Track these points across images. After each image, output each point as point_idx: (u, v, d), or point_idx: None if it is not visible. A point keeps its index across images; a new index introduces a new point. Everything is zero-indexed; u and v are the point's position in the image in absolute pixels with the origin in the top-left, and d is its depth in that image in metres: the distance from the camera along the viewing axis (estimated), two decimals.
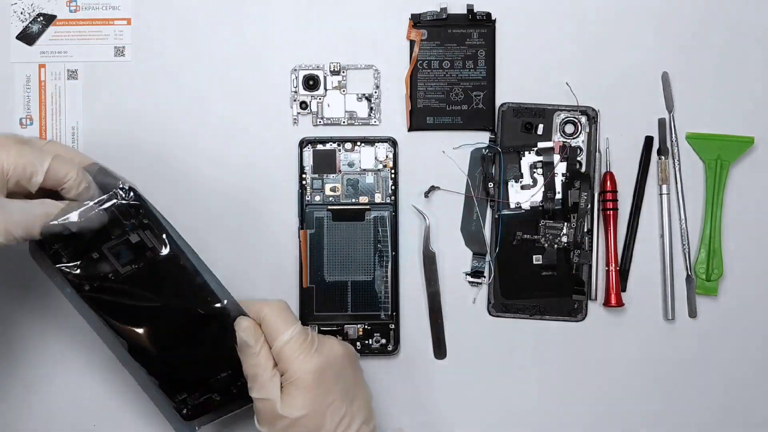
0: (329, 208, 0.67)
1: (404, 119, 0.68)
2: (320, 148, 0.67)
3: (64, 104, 0.68)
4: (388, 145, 0.67)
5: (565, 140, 0.67)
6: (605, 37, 0.68)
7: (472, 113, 0.68)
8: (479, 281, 0.68)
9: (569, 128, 0.67)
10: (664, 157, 0.68)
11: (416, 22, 0.68)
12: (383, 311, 0.67)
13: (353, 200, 0.67)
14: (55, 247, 0.57)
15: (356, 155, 0.68)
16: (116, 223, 0.57)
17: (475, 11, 0.68)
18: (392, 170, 0.67)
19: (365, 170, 0.68)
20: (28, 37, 0.68)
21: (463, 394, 0.68)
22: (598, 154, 0.67)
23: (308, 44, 0.68)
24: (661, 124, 0.68)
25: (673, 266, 0.68)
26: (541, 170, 0.67)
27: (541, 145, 0.67)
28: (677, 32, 0.68)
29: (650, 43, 0.68)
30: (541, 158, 0.67)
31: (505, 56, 0.68)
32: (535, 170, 0.67)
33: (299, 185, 0.67)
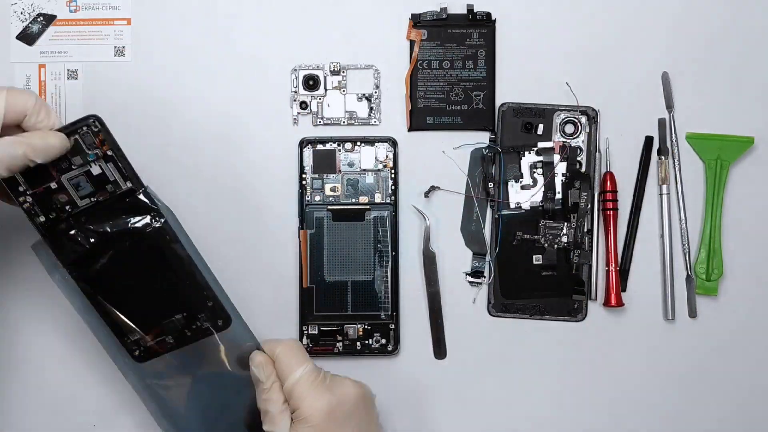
0: (329, 208, 0.67)
1: (404, 119, 0.68)
2: (320, 148, 0.67)
3: (64, 104, 0.68)
4: (388, 145, 0.67)
5: (565, 140, 0.67)
6: (605, 37, 0.68)
7: (472, 113, 0.68)
8: (479, 281, 0.68)
9: (569, 128, 0.67)
10: (664, 157, 0.68)
11: (416, 22, 0.68)
12: (383, 311, 0.67)
13: (353, 200, 0.67)
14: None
15: (356, 155, 0.68)
16: (78, 152, 0.55)
17: (475, 11, 0.68)
18: (392, 170, 0.67)
19: (365, 170, 0.67)
20: (28, 37, 0.68)
21: (463, 394, 0.68)
22: (598, 154, 0.67)
23: (308, 44, 0.68)
24: (661, 124, 0.68)
25: (673, 266, 0.68)
26: (541, 170, 0.67)
27: (541, 145, 0.67)
28: (677, 32, 0.68)
29: (650, 43, 0.68)
30: (541, 158, 0.67)
31: (505, 56, 0.68)
32: (535, 170, 0.67)
33: (299, 185, 0.67)
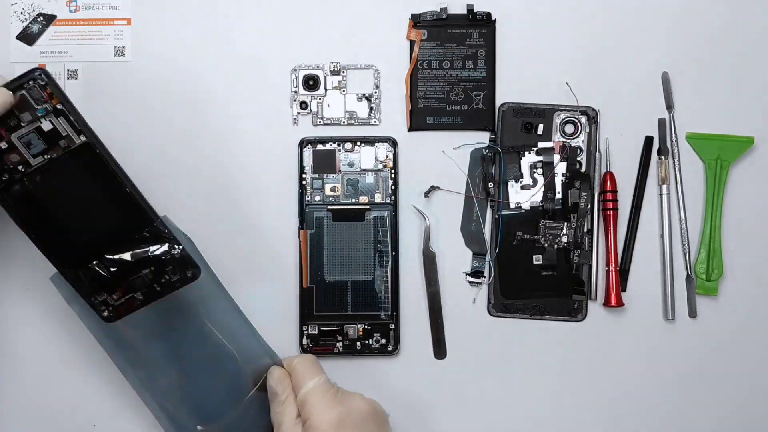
0: (329, 208, 0.67)
1: (404, 119, 0.68)
2: (320, 148, 0.67)
3: None
4: (388, 145, 0.67)
5: (565, 140, 0.67)
6: (605, 37, 0.68)
7: (472, 113, 0.68)
8: (479, 281, 0.68)
9: (569, 128, 0.67)
10: (664, 157, 0.68)
11: (416, 22, 0.68)
12: (383, 311, 0.67)
13: (353, 200, 0.67)
14: None
15: (356, 155, 0.67)
16: (26, 108, 0.53)
17: (475, 11, 0.68)
18: (392, 170, 0.67)
19: (365, 170, 0.67)
20: (28, 37, 0.68)
21: (463, 394, 0.68)
22: (598, 154, 0.67)
23: (308, 44, 0.68)
24: (661, 124, 0.68)
25: (673, 266, 0.68)
26: (541, 170, 0.67)
27: (541, 145, 0.67)
28: (677, 32, 0.68)
29: (650, 43, 0.68)
30: (541, 158, 0.67)
31: (505, 56, 0.68)
32: (535, 170, 0.67)
33: (299, 185, 0.67)
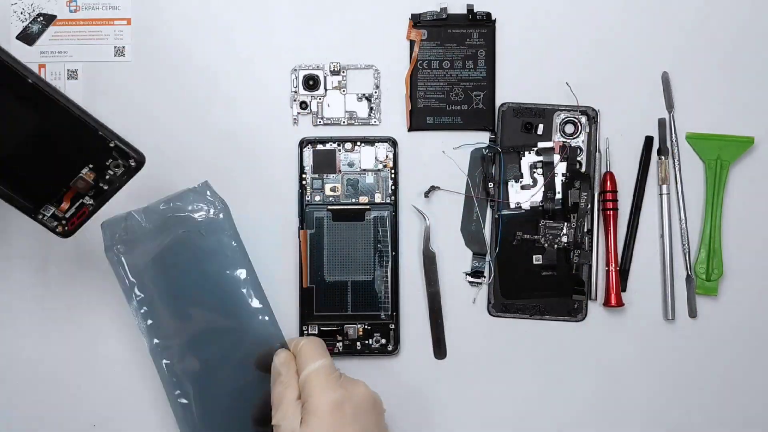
0: (329, 208, 0.67)
1: (404, 119, 0.68)
2: (320, 148, 0.67)
3: None
4: (388, 145, 0.67)
5: (565, 140, 0.67)
6: (605, 37, 0.68)
7: (472, 113, 0.68)
8: (479, 281, 0.68)
9: (569, 128, 0.67)
10: (664, 157, 0.68)
11: (416, 22, 0.68)
12: (383, 311, 0.67)
13: (353, 200, 0.67)
14: None
15: (356, 155, 0.67)
16: None
17: (475, 11, 0.68)
18: (392, 170, 0.67)
19: (365, 170, 0.67)
20: (28, 37, 0.68)
21: (463, 394, 0.68)
22: (598, 154, 0.67)
23: (308, 44, 0.68)
24: (661, 124, 0.68)
25: (673, 266, 0.68)
26: (541, 170, 0.67)
27: (541, 145, 0.67)
28: (677, 32, 0.68)
29: (650, 43, 0.68)
30: (541, 158, 0.67)
31: (505, 56, 0.68)
32: (535, 170, 0.67)
33: (299, 185, 0.67)
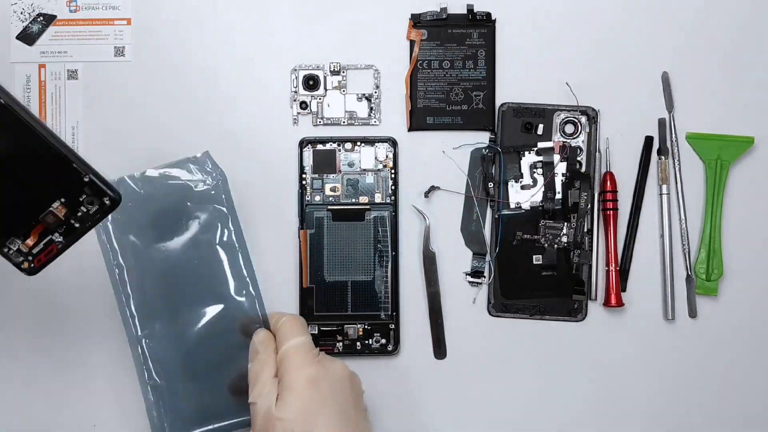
0: (329, 208, 0.67)
1: (404, 119, 0.68)
2: (320, 148, 0.67)
3: (64, 104, 0.68)
4: (388, 145, 0.67)
5: (565, 140, 0.67)
6: (605, 37, 0.68)
7: (472, 113, 0.68)
8: (479, 281, 0.68)
9: (569, 128, 0.67)
10: (664, 157, 0.68)
11: (416, 22, 0.68)
12: (383, 311, 0.67)
13: (353, 200, 0.67)
14: None
15: (356, 155, 0.67)
16: None
17: (475, 11, 0.68)
18: (392, 170, 0.67)
19: (365, 170, 0.67)
20: (28, 37, 0.68)
21: (463, 394, 0.68)
22: (598, 154, 0.67)
23: (308, 44, 0.68)
24: (661, 124, 0.68)
25: (673, 266, 0.68)
26: (541, 170, 0.67)
27: (541, 145, 0.67)
28: (677, 32, 0.68)
29: (650, 43, 0.68)
30: (541, 158, 0.67)
31: (505, 56, 0.68)
32: (535, 170, 0.67)
33: (299, 185, 0.67)
